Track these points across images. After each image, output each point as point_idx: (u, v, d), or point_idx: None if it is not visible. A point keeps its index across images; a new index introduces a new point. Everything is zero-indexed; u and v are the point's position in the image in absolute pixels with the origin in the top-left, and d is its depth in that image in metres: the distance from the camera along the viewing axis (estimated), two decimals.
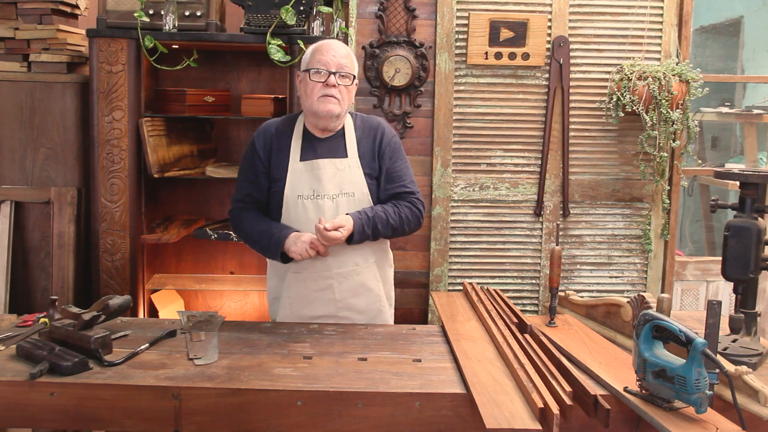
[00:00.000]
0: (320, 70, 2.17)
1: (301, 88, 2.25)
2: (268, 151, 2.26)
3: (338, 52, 2.20)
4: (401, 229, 2.24)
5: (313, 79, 2.17)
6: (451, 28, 3.24)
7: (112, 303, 1.97)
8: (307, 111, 2.25)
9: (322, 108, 2.17)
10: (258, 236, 2.23)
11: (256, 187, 2.27)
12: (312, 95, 2.18)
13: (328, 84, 2.16)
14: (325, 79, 2.17)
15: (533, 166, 3.33)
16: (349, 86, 2.21)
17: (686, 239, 5.22)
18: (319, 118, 2.20)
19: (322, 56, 2.18)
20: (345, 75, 2.19)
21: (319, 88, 2.17)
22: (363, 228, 2.15)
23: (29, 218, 3.16)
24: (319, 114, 2.18)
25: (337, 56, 2.19)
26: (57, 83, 3.10)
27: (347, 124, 2.29)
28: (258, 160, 2.26)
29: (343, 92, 2.19)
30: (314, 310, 2.26)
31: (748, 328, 1.95)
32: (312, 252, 2.14)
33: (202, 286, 3.37)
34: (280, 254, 2.18)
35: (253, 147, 2.28)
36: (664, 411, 1.56)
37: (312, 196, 2.20)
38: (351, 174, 2.23)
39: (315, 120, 2.22)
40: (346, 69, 2.19)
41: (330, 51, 2.19)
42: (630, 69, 3.11)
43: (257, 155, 2.26)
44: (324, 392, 1.67)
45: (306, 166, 2.22)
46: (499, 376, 1.72)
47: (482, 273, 3.37)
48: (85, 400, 1.69)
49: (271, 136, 2.28)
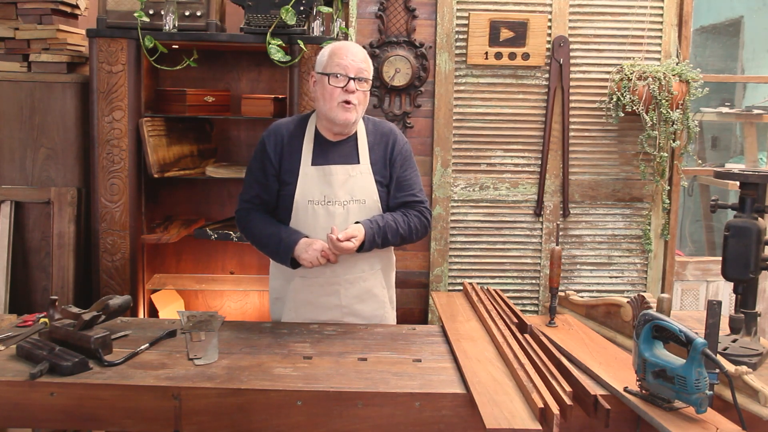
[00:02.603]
0: (339, 74, 2.13)
1: (317, 90, 2.19)
2: (279, 154, 2.22)
3: (357, 56, 2.16)
4: (409, 238, 2.23)
5: (332, 84, 2.13)
6: (451, 28, 3.24)
7: (112, 303, 1.97)
8: (322, 115, 2.20)
9: (341, 116, 2.14)
10: (266, 239, 2.20)
11: (265, 189, 2.24)
12: (331, 101, 2.13)
13: (348, 90, 2.13)
14: (344, 85, 2.12)
15: (533, 166, 3.33)
16: (366, 91, 2.18)
17: (686, 239, 5.22)
18: (336, 124, 2.17)
19: (342, 60, 2.13)
20: (363, 80, 2.16)
21: (338, 93, 2.13)
22: (374, 237, 2.13)
23: (29, 218, 3.16)
24: (337, 121, 2.15)
25: (357, 60, 2.15)
26: (57, 83, 3.10)
27: (359, 129, 2.26)
28: (268, 161, 2.22)
29: (360, 98, 2.16)
30: (319, 314, 2.25)
31: (748, 328, 1.95)
32: (323, 260, 2.12)
33: (202, 286, 3.37)
34: (290, 260, 2.16)
35: (263, 147, 2.24)
36: (664, 411, 1.56)
37: (323, 201, 2.18)
38: (363, 181, 2.20)
39: (330, 125, 2.20)
40: (364, 74, 2.16)
41: (349, 55, 2.14)
42: (630, 69, 3.11)
43: (267, 156, 2.22)
44: (324, 392, 1.68)
45: (318, 171, 2.19)
46: (499, 376, 1.72)
47: (482, 273, 3.37)
48: (85, 400, 1.69)
49: (282, 138, 2.23)
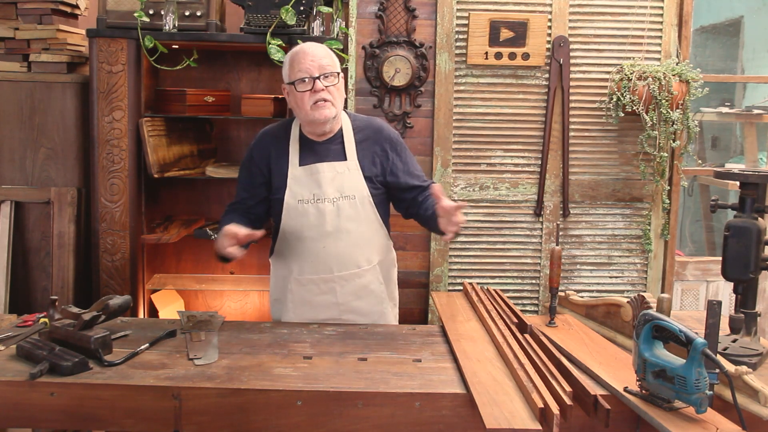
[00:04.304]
0: (304, 78, 2.12)
1: (291, 101, 2.20)
2: (266, 160, 2.24)
3: (315, 54, 2.14)
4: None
5: (299, 90, 2.13)
6: (451, 28, 3.24)
7: (112, 303, 1.97)
8: (302, 121, 2.21)
9: (318, 115, 2.13)
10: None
11: (251, 195, 2.27)
12: (304, 105, 2.14)
13: (316, 90, 2.12)
14: (311, 86, 2.12)
15: (533, 166, 3.33)
16: (336, 84, 2.17)
17: (686, 239, 5.22)
18: (317, 125, 2.18)
19: (302, 64, 2.13)
20: (329, 75, 2.14)
21: (308, 96, 2.12)
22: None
23: (29, 218, 3.16)
24: (316, 121, 2.15)
25: (316, 59, 2.13)
26: (57, 83, 3.10)
27: (345, 126, 2.26)
28: (256, 169, 2.25)
29: (333, 92, 2.15)
30: (318, 313, 2.26)
31: (748, 328, 1.95)
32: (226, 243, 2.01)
33: (202, 286, 3.37)
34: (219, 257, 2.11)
35: (250, 156, 2.27)
36: (664, 411, 1.56)
37: (312, 200, 2.19)
38: (350, 177, 2.21)
39: (312, 127, 2.20)
40: (328, 69, 2.14)
41: (307, 56, 2.13)
42: (630, 69, 3.11)
43: (254, 164, 2.25)
44: (324, 392, 1.67)
45: (305, 171, 2.20)
46: (499, 376, 1.72)
47: (482, 273, 3.37)
48: (85, 400, 1.69)
49: (268, 145, 2.25)
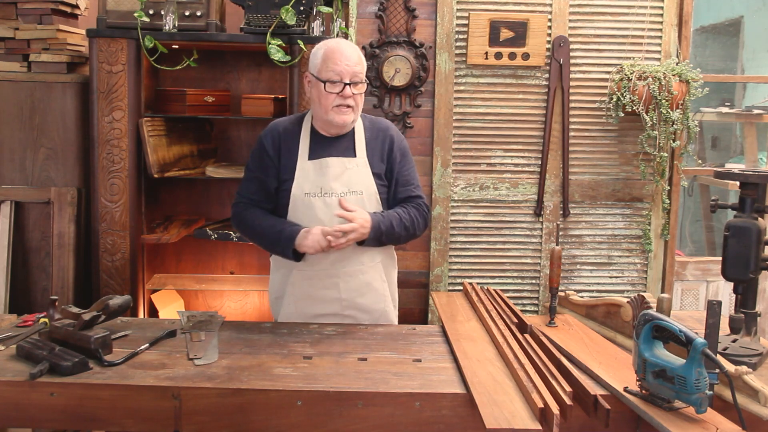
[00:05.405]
0: (335, 81, 2.12)
1: (312, 93, 2.20)
2: (277, 150, 2.23)
3: (351, 59, 2.15)
4: (412, 229, 2.22)
5: (328, 90, 2.13)
6: (451, 28, 3.24)
7: (112, 303, 1.97)
8: (318, 116, 2.21)
9: (338, 119, 2.15)
10: (265, 231, 2.19)
11: (263, 186, 2.25)
12: (326, 105, 2.14)
13: (344, 95, 2.13)
14: (340, 90, 2.13)
15: (533, 166, 3.33)
16: (362, 92, 2.19)
17: (686, 239, 5.22)
18: (334, 126, 2.19)
19: (336, 65, 2.12)
20: (359, 83, 2.16)
21: (333, 98, 2.13)
22: (379, 225, 2.12)
23: (29, 218, 3.16)
24: (335, 124, 2.17)
25: (351, 64, 2.14)
26: (57, 83, 3.10)
27: (357, 125, 2.27)
28: (267, 158, 2.23)
29: (357, 99, 2.17)
30: (319, 308, 2.26)
31: (748, 328, 1.95)
32: (324, 242, 2.08)
33: (202, 286, 3.37)
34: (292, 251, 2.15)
35: (261, 145, 2.25)
36: (664, 411, 1.56)
37: (319, 193, 2.18)
38: (359, 173, 2.21)
39: (327, 127, 2.21)
40: (359, 76, 2.16)
41: (343, 59, 2.13)
42: (630, 69, 3.11)
43: (266, 153, 2.23)
44: (324, 392, 1.68)
45: (314, 165, 2.20)
46: (499, 376, 1.72)
47: (482, 273, 3.37)
48: (85, 400, 1.69)
49: (279, 135, 2.25)
